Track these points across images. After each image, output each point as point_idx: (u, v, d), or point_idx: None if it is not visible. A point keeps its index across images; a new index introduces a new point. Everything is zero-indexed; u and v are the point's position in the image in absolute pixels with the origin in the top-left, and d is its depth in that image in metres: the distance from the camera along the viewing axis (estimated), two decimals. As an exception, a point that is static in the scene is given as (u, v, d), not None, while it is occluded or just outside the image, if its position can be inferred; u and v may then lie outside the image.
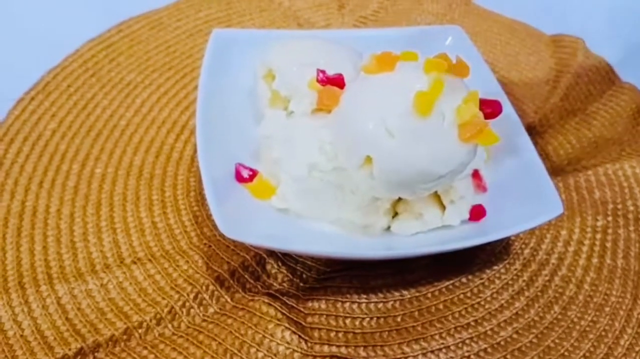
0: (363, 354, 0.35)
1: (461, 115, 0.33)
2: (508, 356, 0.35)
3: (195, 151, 0.44)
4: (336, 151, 0.36)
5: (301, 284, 0.38)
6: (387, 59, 0.34)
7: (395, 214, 0.38)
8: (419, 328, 0.36)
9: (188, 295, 0.36)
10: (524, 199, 0.37)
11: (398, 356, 0.35)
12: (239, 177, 0.39)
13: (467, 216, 0.38)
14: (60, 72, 0.50)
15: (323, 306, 0.36)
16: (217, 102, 0.41)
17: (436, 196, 0.37)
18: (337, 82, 0.37)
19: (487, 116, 0.34)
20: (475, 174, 0.39)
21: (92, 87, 0.49)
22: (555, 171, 0.45)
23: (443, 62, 0.34)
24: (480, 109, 0.34)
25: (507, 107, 0.41)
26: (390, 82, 0.34)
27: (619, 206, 0.43)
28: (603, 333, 0.36)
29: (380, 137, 0.33)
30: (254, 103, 0.43)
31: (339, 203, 0.37)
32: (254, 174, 0.39)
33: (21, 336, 0.35)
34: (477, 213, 0.38)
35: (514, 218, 0.36)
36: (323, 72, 0.38)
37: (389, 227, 0.38)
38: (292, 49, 0.41)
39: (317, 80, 0.38)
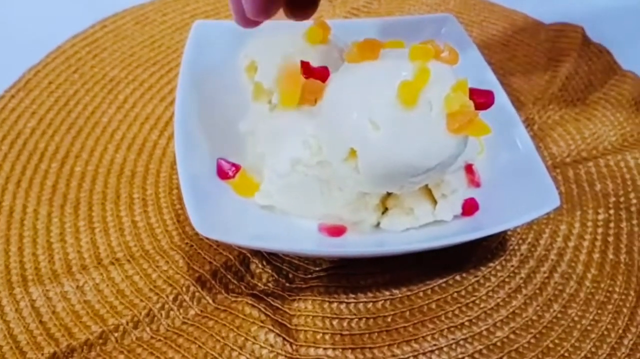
0: (351, 356, 0.33)
1: (449, 104, 0.31)
2: (505, 358, 0.33)
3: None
4: (320, 144, 0.34)
5: (287, 284, 0.36)
6: (369, 46, 0.33)
7: (385, 210, 0.37)
8: (410, 329, 0.34)
9: (167, 297, 0.35)
10: (520, 192, 0.36)
11: (388, 358, 0.33)
12: (221, 173, 0.37)
13: (460, 210, 0.36)
14: (41, 69, 0.49)
15: (309, 306, 0.35)
16: (198, 95, 0.39)
17: (427, 190, 0.36)
18: (321, 75, 0.35)
19: (479, 106, 0.32)
20: (468, 168, 0.38)
21: (74, 83, 0.48)
22: (555, 162, 0.44)
23: (430, 49, 0.32)
24: (471, 98, 0.32)
25: (502, 98, 0.40)
26: (374, 71, 0.32)
27: (621, 199, 0.41)
28: (605, 332, 0.34)
29: (364, 129, 0.31)
30: (237, 96, 0.41)
31: (325, 199, 0.36)
32: (236, 169, 0.37)
33: (-7, 341, 0.33)
34: (469, 207, 0.36)
35: (508, 212, 0.35)
36: (307, 64, 0.36)
37: (378, 224, 0.37)
38: (276, 40, 0.39)
39: (301, 73, 0.36)
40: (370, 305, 0.35)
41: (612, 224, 0.40)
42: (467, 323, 0.35)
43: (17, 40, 0.51)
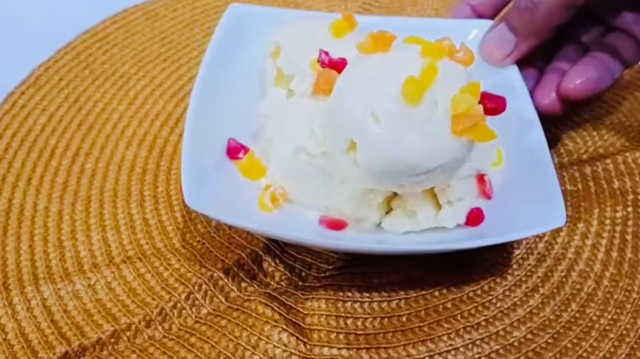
0: (366, 356, 0.32)
1: (455, 105, 0.30)
2: (522, 358, 0.33)
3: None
4: (325, 134, 0.34)
5: (300, 283, 0.36)
6: (382, 38, 0.32)
7: (390, 210, 0.36)
8: (426, 329, 0.34)
9: (180, 295, 0.34)
10: (528, 205, 0.35)
11: (403, 359, 0.33)
12: (230, 152, 0.37)
13: (464, 219, 0.34)
14: (52, 66, 0.49)
15: (323, 305, 0.34)
16: (220, 75, 0.39)
17: (433, 195, 0.35)
18: (338, 65, 0.35)
19: (488, 112, 0.31)
20: (480, 179, 0.36)
21: (85, 80, 0.47)
22: (572, 159, 0.43)
23: (442, 47, 0.31)
24: (482, 102, 0.31)
25: (526, 101, 0.39)
26: (382, 64, 0.32)
27: (640, 196, 0.40)
28: (624, 332, 0.34)
29: (365, 122, 0.31)
30: (260, 81, 0.41)
31: (327, 191, 0.35)
32: (245, 150, 0.37)
33: (4, 339, 0.33)
34: (474, 218, 0.35)
35: (512, 224, 0.34)
36: (326, 53, 0.35)
37: (381, 224, 0.36)
38: (302, 27, 0.39)
39: (318, 61, 0.35)
40: (384, 304, 0.34)
41: (630, 222, 0.39)
42: (483, 323, 0.34)
43: (27, 37, 0.51)
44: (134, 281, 0.35)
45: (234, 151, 0.37)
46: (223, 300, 0.35)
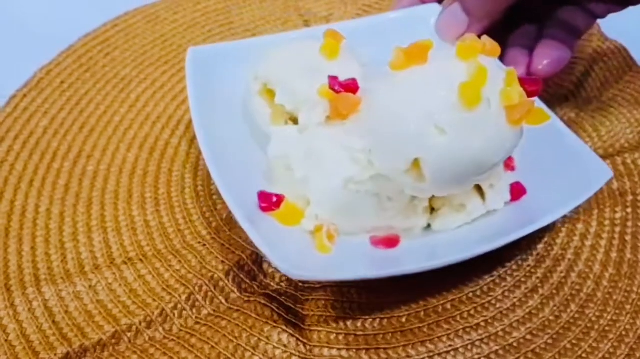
0: (365, 357, 0.33)
1: (508, 98, 0.31)
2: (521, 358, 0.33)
3: (190, 147, 0.43)
4: (371, 158, 0.33)
5: (300, 284, 0.36)
6: (418, 51, 0.32)
7: (432, 211, 0.36)
8: (425, 329, 0.34)
9: (180, 296, 0.35)
10: (565, 171, 0.35)
11: (403, 360, 0.33)
12: (265, 206, 0.35)
13: (509, 197, 0.35)
14: (53, 69, 0.49)
15: (323, 306, 0.34)
16: (215, 127, 0.37)
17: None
18: (351, 87, 0.34)
19: (530, 94, 0.32)
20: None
21: (86, 83, 0.48)
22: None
23: (476, 46, 0.32)
24: (522, 87, 0.32)
25: None
26: (427, 76, 0.32)
27: (639, 197, 0.40)
28: (624, 333, 0.34)
29: (429, 136, 0.31)
30: (250, 122, 0.39)
31: (376, 212, 0.35)
32: (279, 199, 0.35)
33: (6, 340, 0.33)
34: (517, 192, 0.36)
35: (559, 195, 0.34)
36: (335, 78, 0.35)
37: (429, 226, 0.36)
38: (288, 57, 0.38)
39: (330, 88, 0.35)
40: (384, 305, 0.35)
41: (629, 223, 0.39)
42: (482, 324, 0.34)
43: (29, 40, 0.51)
44: (134, 282, 0.35)
45: (268, 202, 0.35)
46: (223, 301, 0.35)
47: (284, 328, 0.33)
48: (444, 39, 0.41)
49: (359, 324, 0.34)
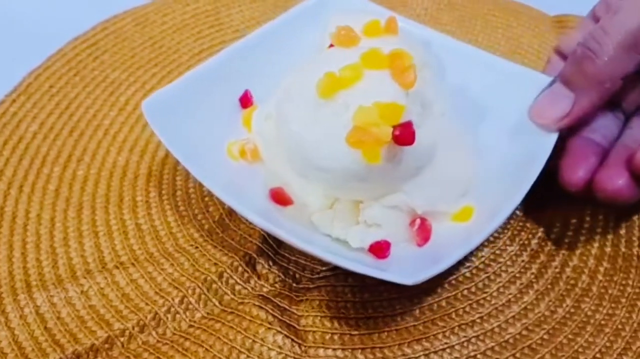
0: (361, 357, 0.32)
1: (358, 115, 0.30)
2: (517, 355, 0.33)
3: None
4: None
5: (294, 285, 0.36)
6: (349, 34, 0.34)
7: None
8: (421, 327, 0.34)
9: (173, 300, 0.34)
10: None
11: (398, 358, 0.32)
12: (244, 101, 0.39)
13: (367, 246, 0.33)
14: (42, 73, 0.48)
15: (317, 307, 0.34)
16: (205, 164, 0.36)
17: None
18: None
19: (395, 138, 0.30)
20: (415, 223, 0.34)
21: (76, 86, 0.47)
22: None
23: (385, 61, 0.32)
24: (396, 126, 0.30)
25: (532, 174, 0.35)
26: (335, 57, 0.33)
27: (633, 191, 0.40)
28: (620, 326, 0.34)
29: (283, 95, 0.33)
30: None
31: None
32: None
33: (-3, 348, 0.33)
34: (377, 249, 0.33)
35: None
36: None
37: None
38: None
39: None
40: (378, 304, 0.34)
41: (624, 217, 0.39)
42: (478, 320, 0.34)
43: (17, 44, 0.51)
44: (127, 286, 0.35)
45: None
46: (217, 304, 0.35)
47: (279, 329, 0.33)
48: (540, 121, 0.35)
49: (353, 324, 0.34)
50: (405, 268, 0.32)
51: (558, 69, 0.36)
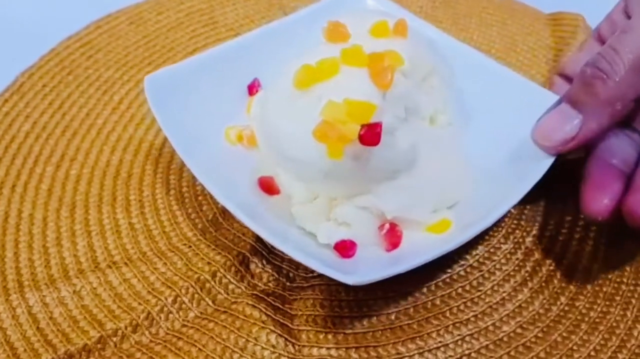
0: (355, 356, 0.32)
1: (325, 110, 0.30)
2: (512, 353, 0.33)
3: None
4: None
5: (288, 284, 0.35)
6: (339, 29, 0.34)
7: None
8: (415, 326, 0.33)
9: (166, 299, 0.34)
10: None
11: (393, 357, 0.32)
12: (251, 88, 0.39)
13: (333, 243, 0.33)
14: (35, 72, 0.48)
15: (311, 306, 0.34)
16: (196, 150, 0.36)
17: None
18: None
19: (360, 138, 0.30)
20: (392, 228, 0.34)
21: (69, 86, 0.47)
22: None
23: (364, 59, 0.32)
24: (364, 126, 0.30)
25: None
26: (320, 51, 0.33)
27: (627, 188, 0.40)
28: (614, 324, 0.34)
29: (273, 79, 0.34)
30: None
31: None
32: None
33: (-10, 348, 0.32)
34: (342, 248, 0.33)
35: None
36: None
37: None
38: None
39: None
40: (372, 303, 0.34)
41: (618, 214, 0.39)
42: (472, 319, 0.34)
43: (10, 44, 0.51)
44: (119, 286, 0.35)
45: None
46: (210, 303, 0.34)
47: (272, 328, 0.33)
48: (544, 144, 0.34)
49: (347, 323, 0.33)
50: (363, 270, 0.32)
51: (563, 91, 0.35)
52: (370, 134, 0.30)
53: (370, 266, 0.32)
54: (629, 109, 0.32)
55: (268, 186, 0.36)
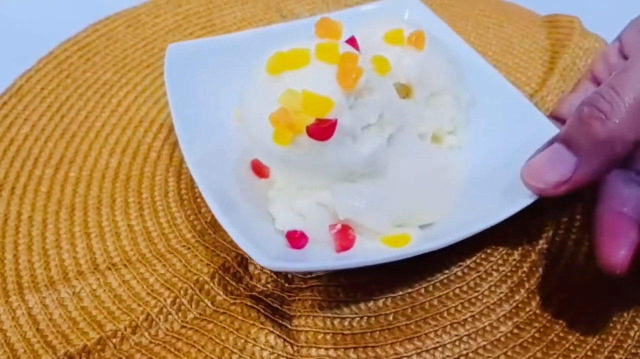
0: (353, 356, 0.32)
1: (282, 97, 0.30)
2: (509, 353, 0.33)
3: (173, 150, 0.43)
4: None
5: (286, 285, 0.36)
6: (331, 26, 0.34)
7: None
8: (412, 326, 0.34)
9: (165, 300, 0.34)
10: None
11: (391, 357, 0.32)
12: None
13: (285, 231, 0.34)
14: (34, 75, 0.48)
15: (309, 306, 0.34)
16: (196, 130, 0.37)
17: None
18: None
19: (308, 130, 0.30)
20: (344, 230, 0.34)
21: (67, 88, 0.47)
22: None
23: (338, 55, 0.32)
24: (317, 120, 0.30)
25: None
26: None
27: (623, 189, 0.41)
28: (611, 325, 0.34)
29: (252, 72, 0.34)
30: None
31: None
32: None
33: (-11, 350, 0.33)
34: (292, 238, 0.33)
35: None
36: None
37: None
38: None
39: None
40: (370, 303, 0.34)
41: (614, 215, 0.39)
42: (470, 319, 0.34)
43: (8, 46, 0.51)
44: (119, 287, 0.35)
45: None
46: (209, 304, 0.35)
47: (271, 329, 0.33)
48: (534, 185, 0.32)
49: (346, 323, 0.34)
50: (285, 258, 0.33)
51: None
52: (318, 129, 0.30)
53: (310, 259, 0.33)
54: (627, 151, 0.30)
55: (259, 169, 0.37)
